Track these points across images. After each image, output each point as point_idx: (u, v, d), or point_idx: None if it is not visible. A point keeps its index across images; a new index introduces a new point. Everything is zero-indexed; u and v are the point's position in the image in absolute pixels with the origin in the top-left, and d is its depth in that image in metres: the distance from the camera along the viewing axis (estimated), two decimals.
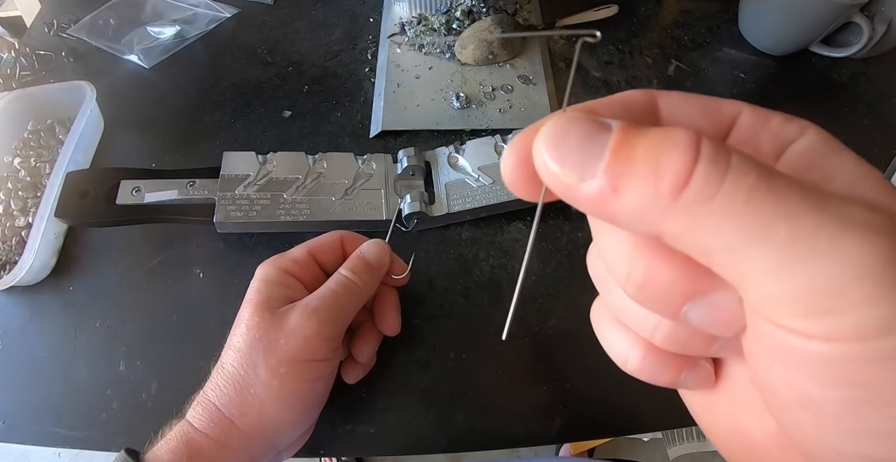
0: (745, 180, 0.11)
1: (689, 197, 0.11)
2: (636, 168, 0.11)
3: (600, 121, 0.12)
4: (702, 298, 0.13)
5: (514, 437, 0.36)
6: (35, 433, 0.36)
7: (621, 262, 0.14)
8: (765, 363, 0.13)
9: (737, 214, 0.11)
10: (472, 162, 0.44)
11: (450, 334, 0.39)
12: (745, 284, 0.11)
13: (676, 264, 0.13)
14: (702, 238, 0.11)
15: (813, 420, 0.12)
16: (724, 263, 0.11)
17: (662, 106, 0.15)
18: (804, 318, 0.11)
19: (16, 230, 0.43)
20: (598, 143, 0.12)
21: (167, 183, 0.41)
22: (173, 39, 0.57)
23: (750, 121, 0.15)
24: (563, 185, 0.12)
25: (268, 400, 0.29)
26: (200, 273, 0.42)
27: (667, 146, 0.11)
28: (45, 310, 0.41)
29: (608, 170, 0.11)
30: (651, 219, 0.11)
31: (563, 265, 0.42)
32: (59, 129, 0.49)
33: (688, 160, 0.11)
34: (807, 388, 0.11)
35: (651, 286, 0.13)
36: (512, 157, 0.14)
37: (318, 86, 0.54)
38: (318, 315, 0.30)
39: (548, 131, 0.12)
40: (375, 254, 0.34)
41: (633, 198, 0.11)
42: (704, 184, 0.11)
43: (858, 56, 0.55)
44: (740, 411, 0.16)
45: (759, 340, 0.12)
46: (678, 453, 1.02)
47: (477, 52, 0.51)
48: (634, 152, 0.11)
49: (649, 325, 0.15)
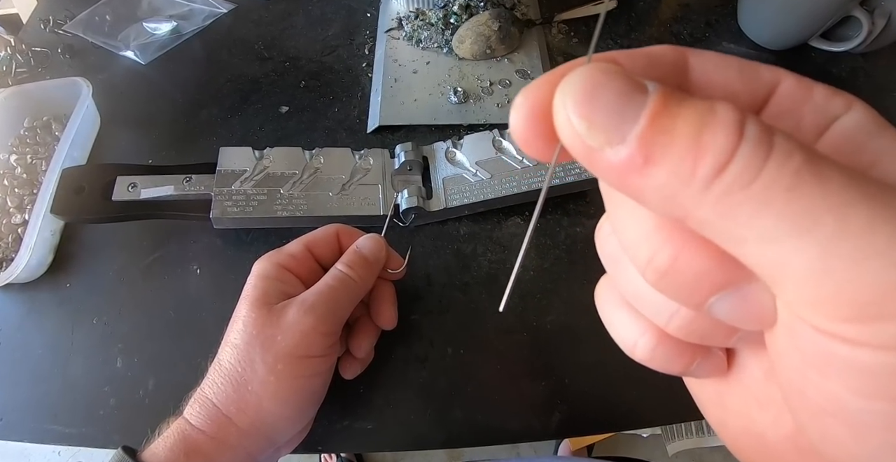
0: (789, 164, 0.09)
1: (726, 180, 0.10)
2: (674, 141, 0.10)
3: (637, 79, 0.11)
4: (732, 290, 0.12)
5: (513, 433, 0.36)
6: (32, 430, 0.36)
7: (643, 245, 0.12)
8: (797, 367, 0.11)
9: (778, 202, 0.09)
10: (470, 157, 0.44)
11: (448, 330, 0.39)
12: (780, 282, 0.10)
13: (708, 251, 0.11)
14: (734, 227, 0.10)
15: (847, 432, 0.11)
16: (757, 256, 0.10)
17: (694, 66, 0.13)
18: (848, 323, 0.10)
19: (12, 227, 0.43)
20: (634, 105, 0.10)
21: (163, 179, 0.40)
22: (170, 35, 0.57)
23: (792, 91, 0.13)
24: (585, 147, 0.11)
25: (265, 396, 0.29)
26: (197, 269, 0.42)
27: (710, 120, 0.10)
28: (42, 307, 0.41)
29: (643, 137, 0.10)
30: (681, 200, 0.10)
31: (562, 260, 0.42)
32: (56, 125, 0.49)
33: (732, 139, 0.10)
34: (845, 397, 0.10)
35: (676, 274, 0.12)
36: (525, 107, 0.12)
37: (315, 81, 0.54)
38: (315, 310, 0.30)
39: (577, 82, 0.11)
40: (372, 248, 0.34)
41: (665, 174, 0.10)
42: (745, 167, 0.10)
43: (858, 50, 0.54)
44: (754, 408, 0.15)
45: (792, 342, 0.11)
46: (677, 449, 1.02)
47: (475, 46, 0.51)
48: (674, 122, 0.10)
49: (666, 312, 0.14)
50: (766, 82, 0.13)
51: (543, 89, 0.11)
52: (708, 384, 0.16)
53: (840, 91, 0.13)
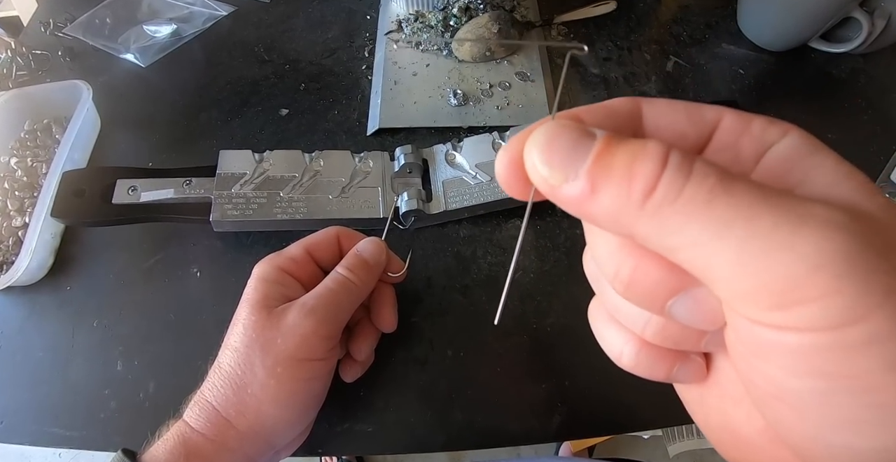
0: (705, 183, 0.12)
1: (656, 199, 0.12)
2: (613, 172, 0.12)
3: (586, 129, 0.13)
4: (684, 294, 0.14)
5: (513, 435, 0.36)
6: (33, 433, 0.36)
7: (610, 261, 0.15)
8: (743, 356, 0.13)
9: (698, 214, 0.12)
10: (470, 159, 0.44)
11: (448, 332, 0.39)
12: (712, 280, 0.12)
13: (659, 261, 0.14)
14: (668, 237, 0.12)
15: (793, 412, 0.12)
16: (690, 260, 0.12)
17: (646, 113, 0.16)
18: (772, 311, 0.11)
19: (13, 230, 0.43)
20: (583, 149, 0.13)
21: (164, 182, 0.40)
22: (170, 38, 0.57)
23: (731, 125, 0.15)
24: (549, 185, 0.13)
25: (265, 400, 0.29)
26: (198, 272, 0.42)
27: (640, 155, 0.12)
28: (43, 310, 0.41)
29: (589, 172, 0.13)
30: (624, 219, 0.12)
31: (561, 262, 0.42)
32: (56, 128, 0.49)
33: (656, 167, 0.12)
34: (783, 379, 0.12)
35: (637, 283, 0.14)
36: (505, 159, 0.14)
37: (315, 84, 0.54)
38: (315, 314, 0.30)
39: (538, 136, 0.13)
40: (372, 252, 0.34)
41: (609, 199, 0.12)
42: (669, 187, 0.12)
43: (858, 51, 0.54)
44: (730, 406, 0.16)
45: (735, 334, 0.13)
46: (678, 450, 1.02)
47: (474, 49, 0.51)
48: (613, 159, 0.12)
49: (640, 321, 0.16)
50: (709, 120, 0.15)
51: (518, 143, 0.14)
52: (691, 387, 0.18)
53: (777, 121, 0.15)
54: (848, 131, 0.50)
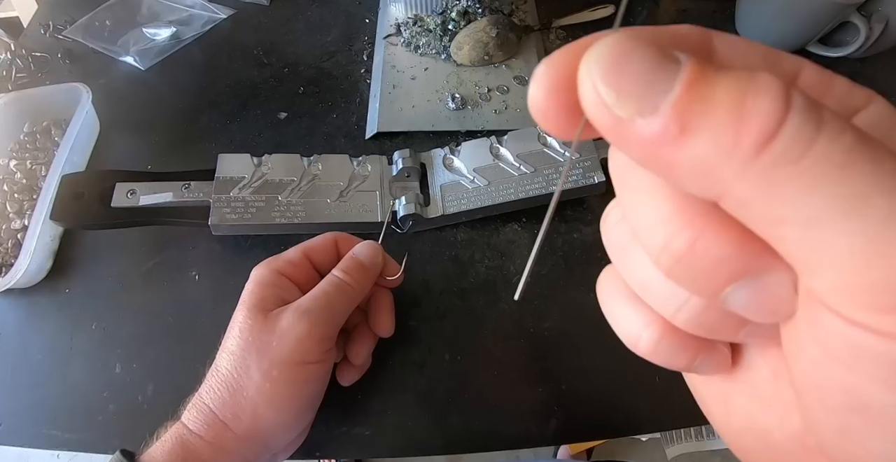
0: (841, 139, 0.09)
1: (774, 153, 0.09)
2: (715, 107, 0.09)
3: (667, 50, 0.10)
4: (751, 279, 0.11)
5: (511, 439, 0.36)
6: (32, 435, 0.36)
7: (658, 229, 0.12)
8: (816, 359, 0.11)
9: (828, 180, 0.09)
10: (468, 163, 0.44)
11: (445, 336, 0.39)
12: (817, 267, 0.10)
13: (731, 236, 0.11)
14: (777, 206, 0.09)
15: (869, 427, 0.10)
16: (796, 240, 0.10)
17: (719, 49, 0.13)
18: (886, 314, 0.09)
19: (12, 233, 0.43)
20: (668, 73, 0.10)
21: (162, 185, 0.41)
22: (169, 41, 0.57)
23: (813, 80, 0.13)
24: (613, 119, 0.10)
25: (261, 403, 0.29)
26: (196, 275, 0.42)
27: (753, 89, 0.09)
28: (42, 312, 0.41)
29: (678, 105, 0.09)
30: (720, 175, 0.10)
31: (559, 266, 0.42)
32: (55, 131, 0.49)
33: (779, 108, 0.09)
34: (871, 391, 0.10)
35: (693, 260, 0.11)
36: (547, 78, 0.11)
37: (313, 87, 0.54)
38: (310, 316, 0.30)
39: (604, 50, 0.10)
40: (368, 254, 0.34)
41: (704, 145, 0.09)
42: (795, 139, 0.09)
43: (855, 56, 0.54)
44: (759, 407, 0.14)
45: (814, 334, 0.11)
46: (676, 453, 1.02)
47: (473, 52, 0.51)
48: (714, 89, 0.09)
49: (674, 303, 0.13)
50: (788, 70, 0.13)
51: (567, 59, 0.11)
52: (712, 382, 0.16)
53: (859, 85, 0.12)
54: None
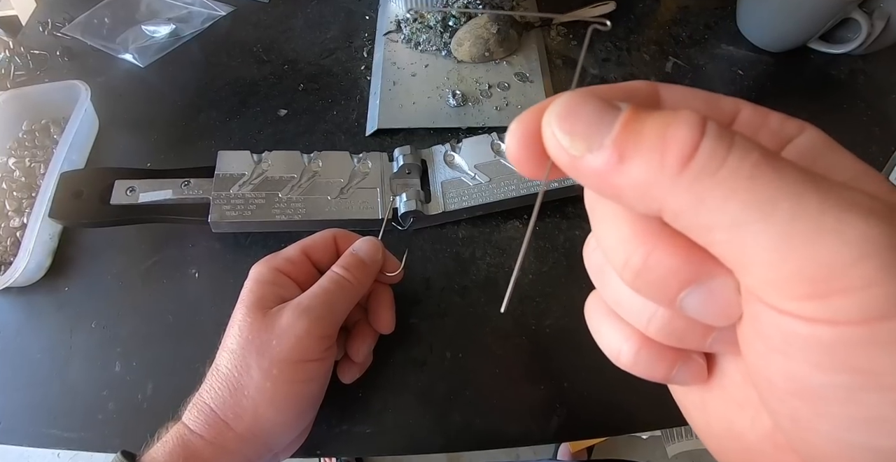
0: (749, 156, 0.11)
1: (694, 168, 0.11)
2: (644, 138, 0.11)
3: (611, 102, 0.12)
4: (699, 285, 0.13)
5: (512, 437, 0.36)
6: (31, 435, 0.36)
7: (620, 249, 0.14)
8: (761, 352, 0.12)
9: (741, 188, 0.11)
10: (469, 160, 0.44)
11: (447, 333, 0.39)
12: (745, 265, 0.11)
13: (675, 250, 0.13)
14: (705, 213, 0.11)
15: (811, 409, 0.12)
16: (725, 242, 0.11)
17: (665, 98, 0.15)
18: (807, 301, 0.11)
19: (10, 231, 0.43)
20: (609, 117, 0.12)
21: (162, 183, 0.40)
22: (168, 38, 0.57)
23: (750, 117, 0.15)
24: (570, 157, 0.12)
25: (261, 402, 0.29)
26: (196, 273, 0.42)
27: (673, 121, 0.11)
28: (41, 311, 0.41)
29: (617, 140, 0.12)
30: (655, 192, 0.12)
31: (560, 264, 0.42)
32: (54, 128, 0.49)
33: (694, 134, 0.11)
34: (806, 375, 0.11)
35: (649, 272, 0.13)
36: (518, 132, 0.14)
37: (313, 84, 0.54)
38: (310, 313, 0.30)
39: (560, 104, 0.13)
40: (368, 250, 0.34)
41: (639, 168, 0.11)
42: (710, 156, 0.11)
43: (857, 52, 0.54)
44: (734, 410, 0.16)
45: (756, 329, 0.12)
46: (677, 451, 1.02)
47: (473, 49, 0.51)
48: (643, 125, 0.12)
49: (645, 315, 0.15)
50: (727, 111, 0.15)
51: (533, 116, 0.13)
52: (691, 391, 0.17)
53: (792, 118, 0.14)
54: (847, 132, 0.50)
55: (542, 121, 0.13)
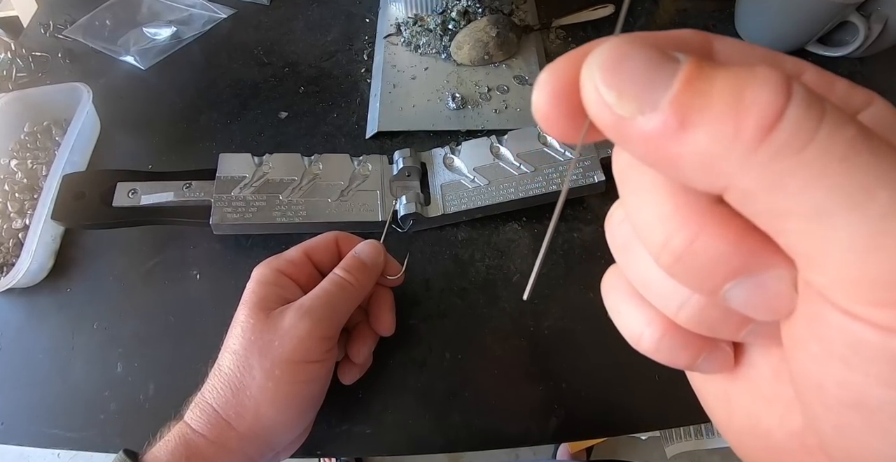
0: (843, 132, 0.09)
1: (775, 144, 0.09)
2: (713, 101, 0.09)
3: (665, 51, 0.10)
4: (750, 276, 0.11)
5: (511, 437, 0.36)
6: (33, 434, 0.36)
7: (659, 227, 0.12)
8: (816, 356, 0.11)
9: (831, 172, 0.09)
10: (468, 163, 0.44)
11: (446, 335, 0.39)
12: (819, 261, 0.10)
13: (727, 233, 0.11)
14: (782, 198, 0.09)
15: (864, 423, 0.11)
16: (800, 233, 0.10)
17: (719, 50, 0.13)
18: (884, 308, 0.09)
19: (13, 232, 0.43)
20: (666, 72, 0.10)
21: (163, 185, 0.41)
22: (169, 40, 0.57)
23: (814, 82, 0.13)
24: (615, 118, 0.10)
25: (263, 402, 0.29)
26: (197, 274, 0.42)
27: (751, 81, 0.09)
28: (43, 311, 0.41)
29: (677, 101, 0.10)
30: (722, 168, 0.10)
31: (559, 265, 0.42)
32: (56, 130, 0.49)
33: (779, 99, 0.09)
34: (866, 387, 0.10)
35: (693, 257, 0.11)
36: (549, 84, 0.12)
37: (314, 86, 0.54)
38: (312, 315, 0.31)
39: (605, 52, 0.10)
40: (370, 253, 0.35)
41: (705, 138, 0.09)
42: (796, 129, 0.09)
43: (855, 55, 0.55)
44: (761, 406, 0.14)
45: (814, 331, 0.11)
46: (676, 451, 1.02)
47: (473, 52, 0.51)
48: (712, 84, 0.10)
49: (676, 301, 0.13)
50: (789, 71, 0.13)
51: (569, 64, 0.11)
52: (714, 381, 0.16)
53: (860, 86, 0.13)
54: None
55: (583, 71, 0.11)
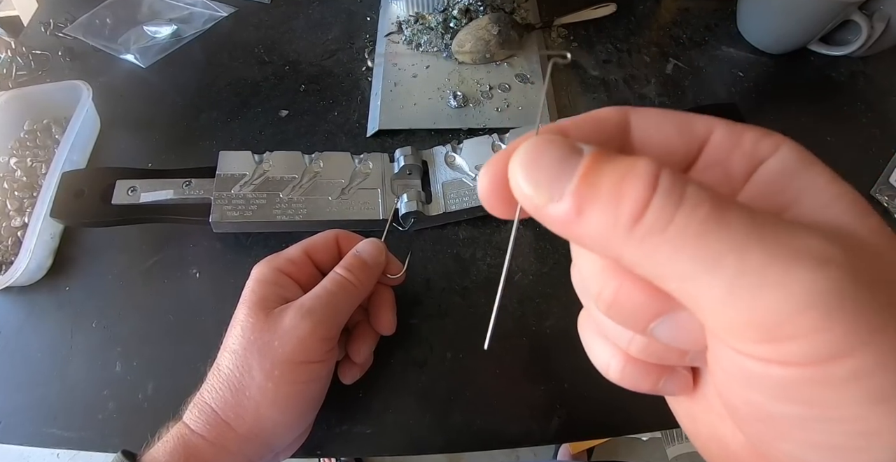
0: (697, 212, 0.11)
1: (644, 226, 0.11)
2: (600, 193, 0.12)
3: (573, 145, 0.13)
4: (667, 317, 0.14)
5: (512, 438, 0.36)
6: (31, 434, 0.36)
7: (593, 281, 0.14)
8: (725, 382, 0.13)
9: (688, 246, 0.11)
10: (469, 161, 0.44)
11: (447, 334, 0.39)
12: (699, 311, 0.12)
13: (642, 285, 0.13)
14: (656, 266, 0.12)
15: (773, 433, 0.13)
16: (678, 291, 0.12)
17: (635, 124, 0.15)
18: (759, 344, 0.11)
19: (12, 230, 0.43)
20: (569, 167, 0.12)
21: (163, 183, 0.40)
22: (170, 39, 0.57)
23: (722, 140, 0.15)
24: (534, 205, 0.13)
25: (263, 403, 0.29)
26: (197, 273, 0.42)
27: (629, 175, 0.12)
28: (42, 310, 0.41)
29: (575, 193, 0.12)
30: (611, 244, 0.12)
31: (561, 265, 0.42)
32: (56, 128, 0.49)
33: (646, 190, 0.11)
34: (765, 405, 0.12)
35: (619, 305, 0.14)
36: (487, 178, 0.14)
37: (314, 85, 0.54)
38: (313, 315, 0.30)
39: (523, 153, 0.13)
40: (371, 252, 0.34)
41: (595, 223, 0.12)
42: (659, 215, 0.11)
43: (857, 54, 0.54)
44: (716, 419, 0.16)
45: (718, 361, 0.13)
46: (677, 452, 1.02)
47: (474, 50, 0.51)
48: (600, 178, 0.12)
49: (625, 337, 0.16)
50: (699, 134, 0.15)
51: (500, 162, 0.14)
52: (681, 401, 0.18)
53: (771, 133, 0.14)
54: (847, 134, 0.50)
55: (509, 168, 0.13)
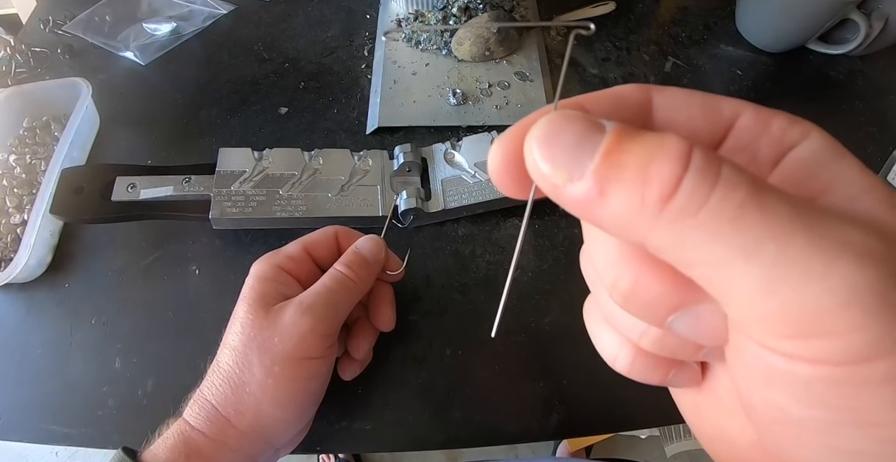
0: (734, 195, 0.10)
1: (674, 209, 0.11)
2: (624, 173, 0.11)
3: (594, 121, 0.12)
4: (687, 310, 0.13)
5: (511, 434, 0.36)
6: (31, 431, 0.36)
7: (609, 270, 0.14)
8: (746, 380, 0.13)
9: (723, 231, 0.10)
10: (469, 158, 0.44)
11: (446, 331, 0.39)
12: (728, 301, 0.11)
13: (663, 276, 0.13)
14: (686, 251, 0.11)
15: (792, 437, 0.12)
16: (707, 278, 0.11)
17: (657, 103, 0.14)
18: (788, 340, 0.11)
19: (11, 227, 0.43)
20: (591, 144, 0.11)
21: (163, 179, 0.40)
22: (169, 36, 0.57)
23: (750, 123, 0.14)
24: (551, 185, 0.12)
25: (263, 399, 0.29)
26: (196, 270, 0.42)
27: (657, 153, 0.11)
28: (41, 307, 0.41)
29: (597, 173, 0.11)
30: (636, 227, 0.11)
31: (560, 261, 0.42)
32: (55, 125, 0.49)
33: (677, 170, 0.11)
34: (787, 407, 0.11)
35: (637, 296, 0.13)
36: (500, 155, 0.13)
37: (314, 82, 0.54)
38: (313, 312, 0.30)
39: (540, 129, 0.12)
40: (371, 249, 0.34)
41: (619, 204, 0.11)
42: (691, 196, 0.10)
43: (856, 53, 0.55)
44: (724, 415, 0.16)
45: (740, 357, 0.12)
46: (676, 451, 1.02)
47: (473, 48, 0.51)
48: (625, 157, 0.11)
49: (637, 329, 0.15)
50: (726, 115, 0.14)
51: (514, 137, 0.13)
52: (686, 394, 0.18)
53: (799, 120, 0.14)
54: (845, 133, 0.50)
55: (524, 145, 0.12)
